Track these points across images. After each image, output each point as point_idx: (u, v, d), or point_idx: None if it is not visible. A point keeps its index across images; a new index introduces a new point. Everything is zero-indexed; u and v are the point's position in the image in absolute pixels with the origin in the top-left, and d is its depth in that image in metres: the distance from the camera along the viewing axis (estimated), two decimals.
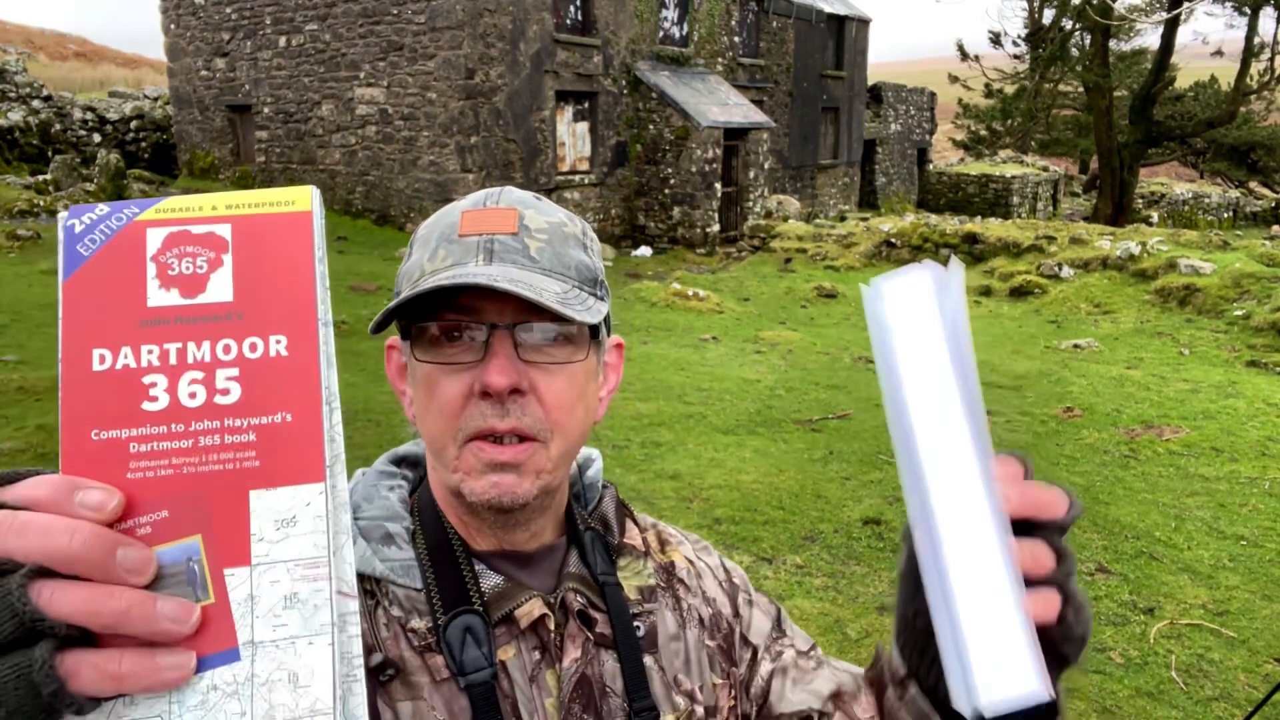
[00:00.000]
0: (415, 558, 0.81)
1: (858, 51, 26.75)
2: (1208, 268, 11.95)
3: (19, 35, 36.62)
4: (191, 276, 0.47)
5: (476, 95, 15.29)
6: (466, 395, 0.75)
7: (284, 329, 0.47)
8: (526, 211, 0.80)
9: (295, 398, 0.47)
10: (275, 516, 0.46)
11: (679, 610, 0.88)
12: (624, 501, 0.95)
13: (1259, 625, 4.21)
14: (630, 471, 5.97)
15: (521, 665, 0.78)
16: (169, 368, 0.46)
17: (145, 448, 0.45)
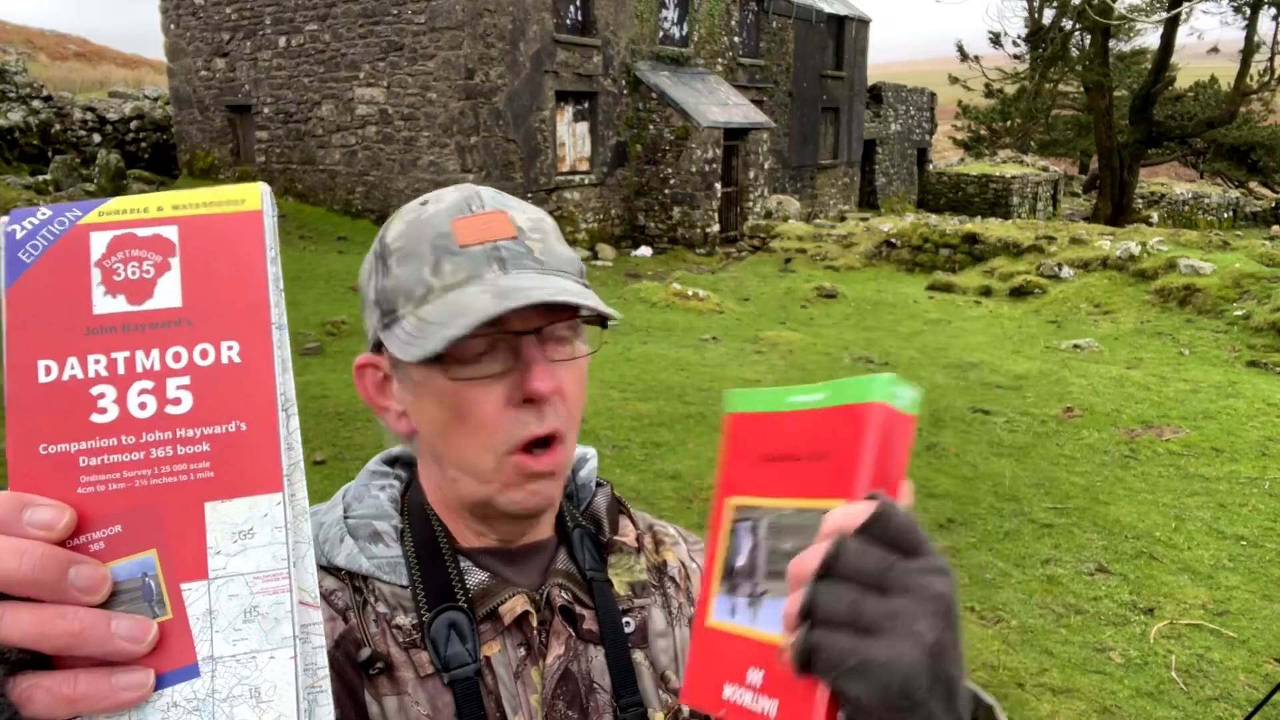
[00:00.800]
0: (402, 555, 0.81)
1: (858, 51, 26.74)
2: (1208, 268, 11.94)
3: (19, 35, 36.62)
4: (138, 281, 0.45)
5: (476, 95, 15.29)
6: (502, 406, 0.75)
7: (236, 334, 0.46)
8: (512, 212, 0.80)
9: (249, 406, 0.45)
10: (232, 528, 0.44)
11: (668, 608, 0.88)
12: (620, 499, 0.95)
13: (1259, 625, 4.21)
14: (630, 471, 5.97)
15: (506, 661, 0.78)
16: (117, 378, 0.44)
17: (95, 461, 0.44)
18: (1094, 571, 4.77)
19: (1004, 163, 30.18)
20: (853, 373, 8.85)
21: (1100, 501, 5.68)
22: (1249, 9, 24.05)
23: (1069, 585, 4.62)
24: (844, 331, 11.16)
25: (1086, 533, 5.23)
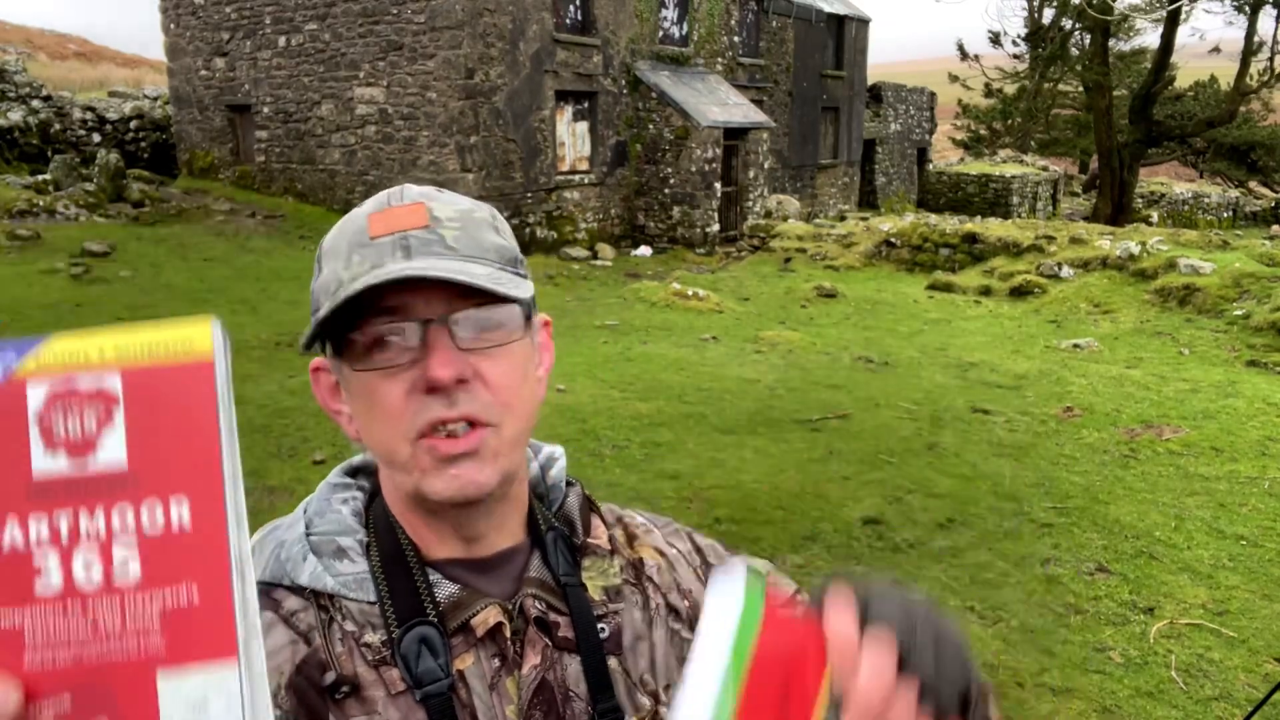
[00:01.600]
0: (369, 570, 0.80)
1: (858, 51, 26.74)
2: (1207, 267, 11.94)
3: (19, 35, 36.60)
4: (80, 438, 0.42)
5: (476, 95, 15.29)
6: (409, 394, 0.74)
7: (186, 490, 0.43)
8: (432, 204, 0.79)
9: (201, 569, 0.42)
10: (186, 701, 0.41)
11: (647, 610, 0.87)
12: (590, 497, 0.93)
13: (1259, 625, 4.21)
14: (630, 471, 5.97)
15: (481, 674, 0.77)
16: (61, 543, 0.42)
17: (41, 636, 0.41)
18: (1094, 571, 4.77)
19: (1004, 162, 30.18)
20: (852, 372, 8.85)
21: (1100, 501, 5.68)
22: (1249, 9, 24.05)
23: (1069, 585, 4.62)
24: (844, 331, 11.16)
25: (1086, 532, 5.23)
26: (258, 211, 17.02)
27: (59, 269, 11.53)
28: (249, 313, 10.56)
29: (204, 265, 12.91)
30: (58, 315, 9.74)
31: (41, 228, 13.42)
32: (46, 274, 11.35)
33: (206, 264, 13.00)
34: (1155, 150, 28.68)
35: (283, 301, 11.12)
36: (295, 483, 5.55)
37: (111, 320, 9.75)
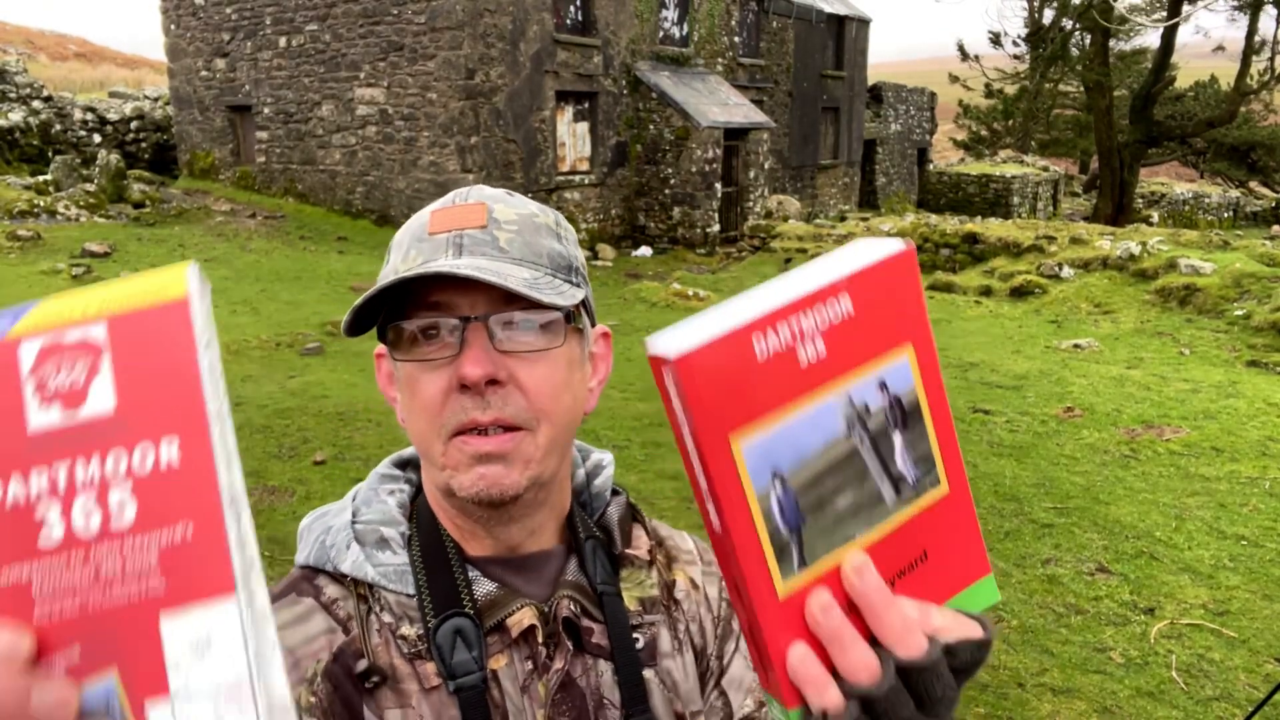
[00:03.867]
0: (409, 563, 0.80)
1: (858, 51, 26.74)
2: (1208, 267, 11.94)
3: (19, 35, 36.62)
4: (70, 390, 0.43)
5: (476, 95, 15.29)
6: (446, 391, 0.75)
7: (174, 431, 0.43)
8: (496, 205, 0.80)
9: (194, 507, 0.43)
10: (189, 640, 0.42)
11: (674, 630, 0.86)
12: (635, 508, 0.93)
13: (1259, 625, 4.21)
14: (631, 471, 5.97)
15: (513, 675, 0.77)
16: (59, 494, 0.42)
17: (48, 588, 0.42)
18: (1094, 571, 4.77)
19: (1004, 163, 30.18)
20: None
21: (1100, 501, 5.68)
22: (1250, 9, 24.05)
23: (1069, 585, 4.62)
24: None
25: (1087, 532, 5.23)
26: (258, 212, 17.02)
27: (60, 269, 11.54)
28: (249, 313, 10.57)
29: (204, 266, 12.86)
30: None
31: (42, 228, 13.43)
32: (47, 274, 11.36)
33: (207, 264, 13.01)
34: (1155, 150, 28.68)
35: (283, 302, 11.12)
36: (295, 483, 5.55)
37: None
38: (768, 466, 0.49)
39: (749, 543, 0.49)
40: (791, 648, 0.49)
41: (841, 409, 0.50)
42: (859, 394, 0.51)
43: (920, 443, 0.52)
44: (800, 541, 0.50)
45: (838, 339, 0.50)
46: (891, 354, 0.52)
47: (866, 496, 0.51)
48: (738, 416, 0.48)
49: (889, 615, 0.49)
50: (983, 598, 0.54)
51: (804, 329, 0.50)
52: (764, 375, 0.49)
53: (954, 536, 0.53)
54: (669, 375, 0.48)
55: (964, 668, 0.50)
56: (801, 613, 0.49)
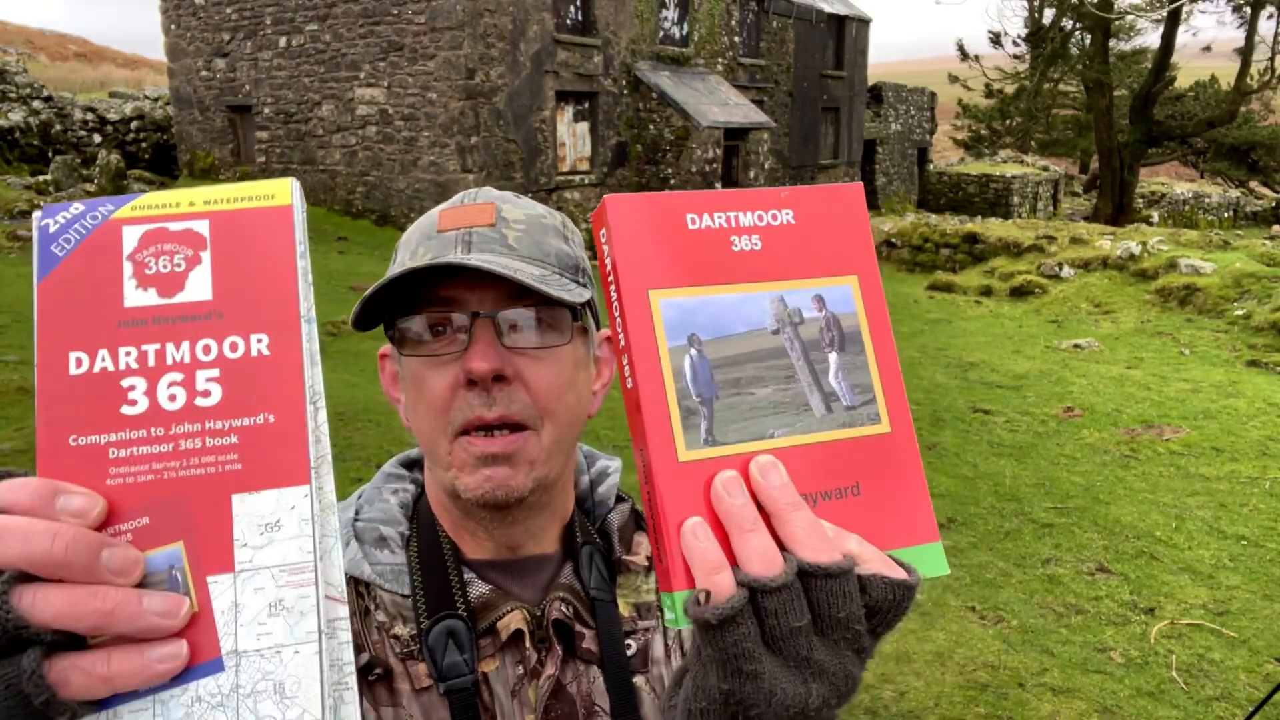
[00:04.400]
0: (406, 563, 0.80)
1: (858, 51, 26.74)
2: (1208, 267, 11.94)
3: (19, 35, 36.62)
4: (169, 275, 0.46)
5: (477, 95, 15.29)
6: (453, 387, 0.74)
7: (265, 327, 0.46)
8: (504, 205, 0.80)
9: (278, 398, 0.45)
10: (259, 521, 0.44)
11: (665, 636, 0.86)
12: (640, 515, 0.92)
13: (1260, 625, 4.21)
14: (630, 471, 5.96)
15: (504, 679, 0.77)
16: (148, 370, 0.45)
17: (125, 453, 0.44)
18: (1094, 571, 4.77)
19: (1004, 162, 30.17)
20: None
21: (1101, 501, 5.68)
22: (1249, 9, 24.03)
23: (1069, 585, 4.62)
24: None
25: (1087, 532, 5.23)
26: None
27: None
28: None
29: None
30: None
31: None
32: None
33: None
34: (1156, 150, 28.67)
35: None
36: None
37: None
38: (686, 328, 0.50)
39: (655, 396, 0.49)
40: (687, 520, 0.47)
41: (771, 305, 0.52)
42: (793, 299, 0.52)
43: (859, 372, 0.53)
44: (711, 415, 0.49)
45: (775, 241, 0.52)
46: (833, 278, 0.53)
47: (791, 398, 0.51)
48: (661, 275, 0.50)
49: (795, 516, 0.47)
50: (926, 565, 0.52)
51: (740, 221, 0.52)
52: (694, 247, 0.51)
53: (894, 482, 0.52)
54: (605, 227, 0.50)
55: (877, 607, 0.47)
56: (703, 487, 0.48)
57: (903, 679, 3.74)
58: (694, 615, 0.45)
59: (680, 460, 0.49)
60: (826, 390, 0.52)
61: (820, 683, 0.46)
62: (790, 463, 0.49)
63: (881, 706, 3.57)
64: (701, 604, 0.45)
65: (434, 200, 15.62)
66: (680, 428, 0.49)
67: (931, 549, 0.52)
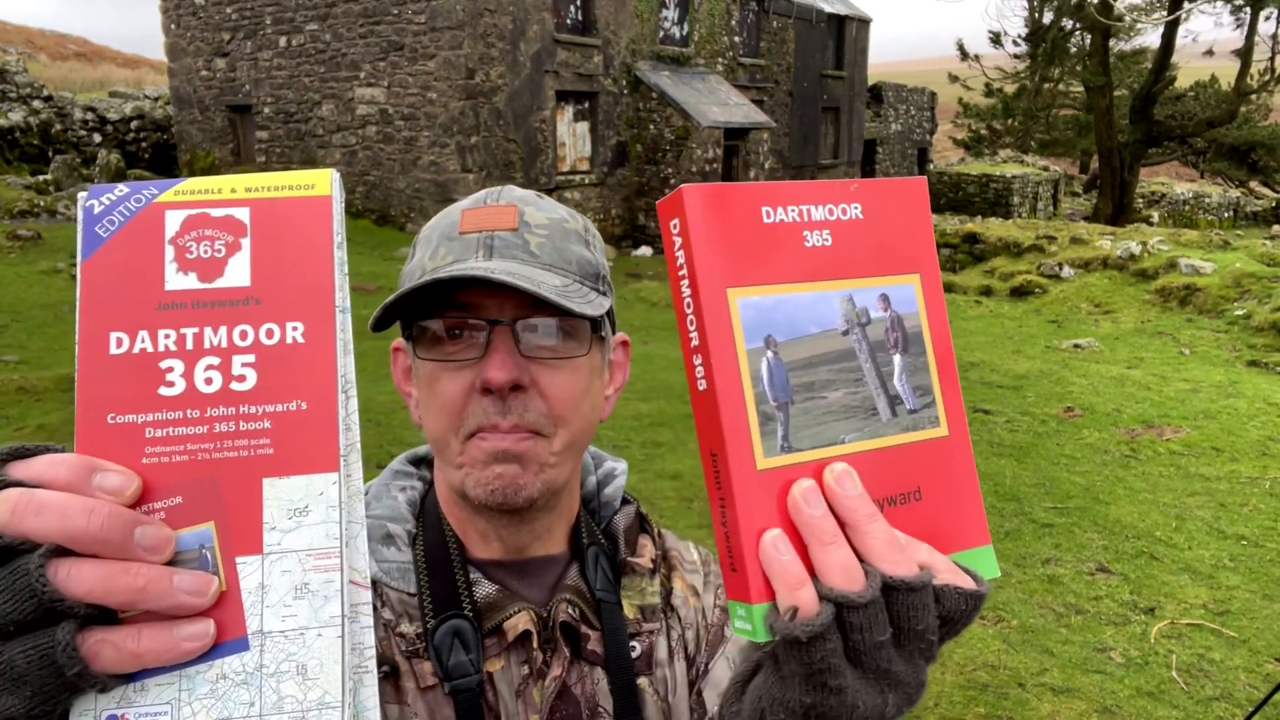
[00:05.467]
0: (412, 561, 0.80)
1: (858, 51, 26.74)
2: (1208, 267, 11.94)
3: (19, 35, 36.62)
4: (209, 260, 0.47)
5: (477, 95, 15.29)
6: (468, 392, 0.74)
7: (301, 315, 0.47)
8: (527, 208, 0.79)
9: (311, 386, 0.46)
10: (288, 505, 0.45)
11: (669, 638, 0.86)
12: (646, 517, 0.92)
13: (1260, 625, 4.21)
14: (631, 471, 5.94)
15: (509, 679, 0.77)
16: (185, 353, 0.46)
17: (161, 433, 0.45)
18: (1094, 571, 4.77)
19: (1004, 162, 30.17)
20: None
21: (1101, 501, 5.68)
22: (1249, 9, 24.04)
23: (1069, 585, 4.62)
24: None
25: (1087, 532, 5.23)
26: None
27: (60, 269, 11.53)
28: None
29: None
30: (58, 315, 9.74)
31: (42, 228, 13.43)
32: (47, 274, 11.35)
33: None
34: (1156, 150, 28.66)
35: None
36: None
37: None
38: (762, 328, 0.49)
39: (734, 399, 0.48)
40: (766, 532, 0.46)
41: (841, 304, 0.51)
42: (860, 297, 0.52)
43: (920, 374, 0.52)
44: (787, 421, 0.49)
45: (844, 236, 0.52)
46: (897, 277, 0.53)
47: (860, 402, 0.51)
48: (738, 272, 0.49)
49: (873, 528, 0.46)
50: (981, 568, 0.52)
51: (812, 215, 0.51)
52: (768, 242, 0.50)
53: (951, 486, 0.52)
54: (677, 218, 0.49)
55: (950, 617, 0.47)
56: (780, 496, 0.48)
57: None
58: (782, 631, 0.45)
59: (759, 468, 0.48)
60: (892, 393, 0.51)
61: (897, 692, 0.47)
62: (860, 468, 0.49)
63: None
64: (789, 620, 0.45)
65: (434, 200, 15.62)
66: (759, 434, 0.48)
67: (984, 552, 0.53)
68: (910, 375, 0.52)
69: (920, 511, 0.51)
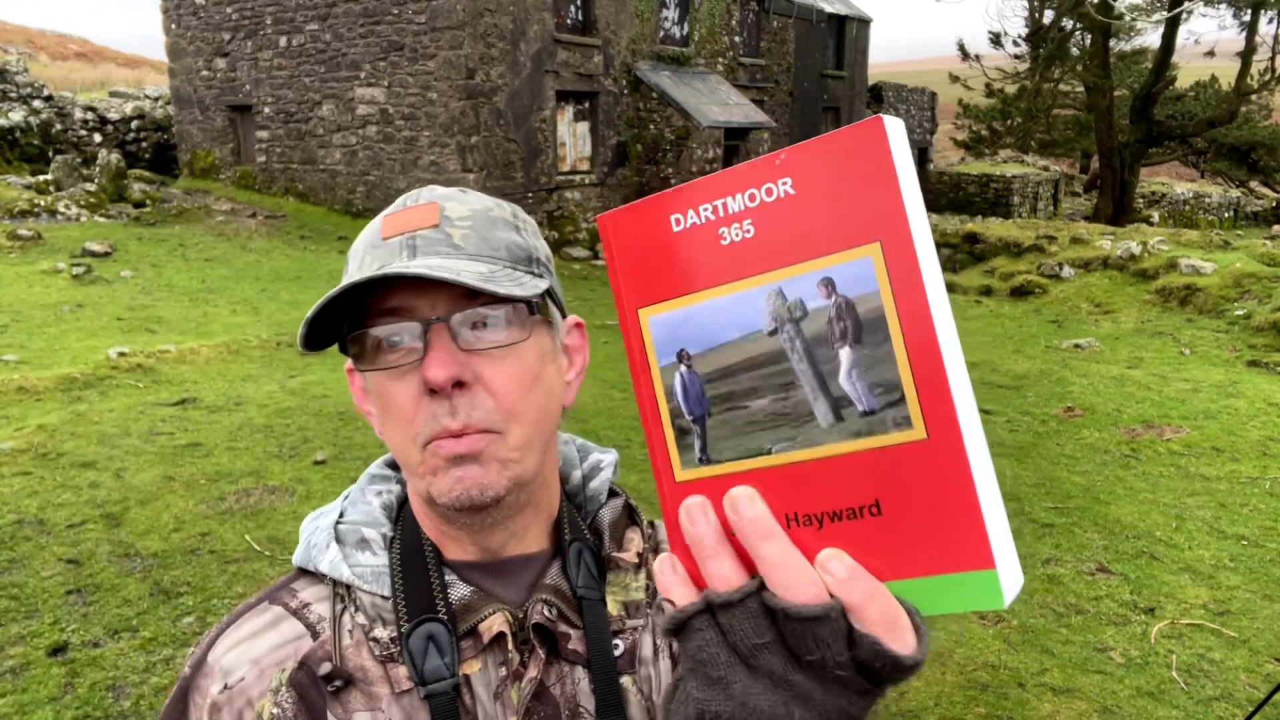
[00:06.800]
0: (388, 564, 0.80)
1: (858, 51, 26.74)
2: (1208, 267, 11.94)
3: (19, 35, 36.61)
4: None
5: (477, 95, 15.28)
6: (416, 398, 0.73)
7: None
8: (448, 204, 0.78)
9: None
10: None
11: (654, 635, 0.84)
12: (635, 510, 0.91)
13: (1260, 625, 4.21)
14: (631, 471, 5.97)
15: (486, 681, 0.76)
16: None
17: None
18: (1094, 571, 4.77)
19: (1004, 162, 30.17)
20: None
21: (1101, 501, 5.68)
22: (1250, 9, 24.03)
23: (1069, 585, 4.61)
24: None
25: (1087, 532, 5.23)
26: (259, 212, 17.02)
27: (60, 269, 11.53)
28: (249, 312, 10.57)
29: (205, 265, 12.91)
30: (58, 315, 9.74)
31: (42, 228, 13.42)
32: (48, 274, 11.35)
33: (207, 264, 13.00)
34: (1156, 150, 28.66)
35: (283, 302, 11.12)
36: (295, 482, 5.55)
37: (112, 321, 9.79)
38: (674, 344, 0.48)
39: (652, 418, 0.49)
40: (660, 556, 0.49)
41: (767, 300, 0.45)
42: (793, 287, 0.45)
43: (881, 367, 0.43)
44: (704, 433, 0.47)
45: (769, 221, 0.45)
46: (847, 252, 0.43)
47: (792, 408, 0.45)
48: (647, 291, 0.48)
49: (764, 548, 0.45)
50: (973, 595, 0.43)
51: (729, 209, 0.46)
52: (680, 251, 0.47)
53: (931, 500, 0.43)
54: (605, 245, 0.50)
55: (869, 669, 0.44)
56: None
57: None
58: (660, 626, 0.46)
59: (677, 480, 0.48)
60: (836, 395, 0.44)
61: (805, 709, 0.45)
62: (793, 480, 0.45)
63: (881, 706, 3.55)
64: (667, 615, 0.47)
65: None
66: (675, 448, 0.48)
67: (982, 578, 0.43)
68: (866, 370, 0.43)
69: (877, 529, 0.44)
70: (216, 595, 4.21)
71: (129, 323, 9.77)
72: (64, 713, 3.33)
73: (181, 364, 8.23)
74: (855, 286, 0.43)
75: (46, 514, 4.94)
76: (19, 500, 5.08)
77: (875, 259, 0.43)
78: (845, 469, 0.44)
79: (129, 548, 4.63)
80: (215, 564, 4.51)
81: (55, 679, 3.52)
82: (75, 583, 4.25)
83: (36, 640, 3.78)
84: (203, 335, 9.33)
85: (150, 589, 4.24)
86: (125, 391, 7.35)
